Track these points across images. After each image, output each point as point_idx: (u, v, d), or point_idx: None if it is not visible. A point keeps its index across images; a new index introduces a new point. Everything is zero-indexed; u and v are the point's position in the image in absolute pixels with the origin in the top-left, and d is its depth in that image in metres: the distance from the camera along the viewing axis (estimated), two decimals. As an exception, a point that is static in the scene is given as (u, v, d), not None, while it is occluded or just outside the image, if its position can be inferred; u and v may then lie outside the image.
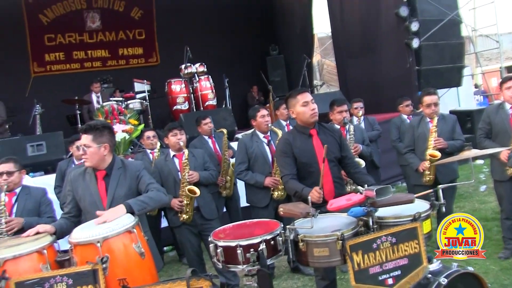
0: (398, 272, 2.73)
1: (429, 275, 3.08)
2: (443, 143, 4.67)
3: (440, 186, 3.07)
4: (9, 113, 8.61)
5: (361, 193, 2.89)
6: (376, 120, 6.65)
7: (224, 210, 5.94)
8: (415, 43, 9.19)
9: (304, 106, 3.54)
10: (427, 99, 4.83)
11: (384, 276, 2.71)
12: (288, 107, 3.70)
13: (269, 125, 4.99)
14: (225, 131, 5.71)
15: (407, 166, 5.22)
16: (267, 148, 4.94)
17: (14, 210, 3.98)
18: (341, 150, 3.65)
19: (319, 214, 2.95)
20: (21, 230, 3.81)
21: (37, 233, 3.11)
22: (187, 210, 4.55)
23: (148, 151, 5.88)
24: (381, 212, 2.95)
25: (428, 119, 4.87)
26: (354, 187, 4.45)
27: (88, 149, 3.24)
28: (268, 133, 5.01)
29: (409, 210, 2.92)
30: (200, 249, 4.77)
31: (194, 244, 4.69)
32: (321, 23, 13.28)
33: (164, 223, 5.89)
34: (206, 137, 5.84)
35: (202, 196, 4.56)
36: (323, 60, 16.32)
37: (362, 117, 6.37)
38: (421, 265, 2.78)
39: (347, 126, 5.13)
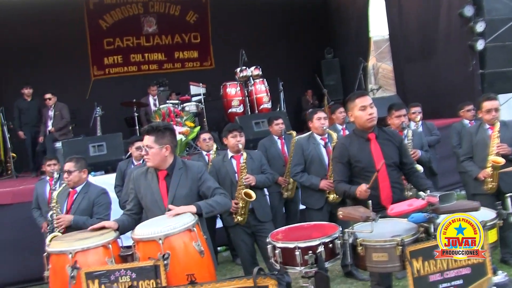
0: (460, 282, 2.64)
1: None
2: (507, 149, 4.48)
3: (509, 194, 2.96)
4: (71, 115, 8.96)
5: (423, 199, 2.84)
6: (434, 125, 6.47)
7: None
8: (480, 44, 8.67)
9: (362, 110, 3.49)
10: (487, 104, 4.65)
11: (444, 285, 2.64)
12: (347, 110, 3.68)
13: (325, 128, 4.98)
14: (294, 133, 5.72)
15: (466, 173, 5.05)
16: (323, 150, 4.95)
17: (72, 206, 4.20)
18: (400, 156, 3.59)
19: (379, 218, 2.92)
20: (69, 228, 4.01)
21: (103, 227, 3.23)
22: (242, 212, 4.60)
23: (204, 153, 5.97)
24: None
25: (488, 126, 4.70)
26: (412, 193, 4.37)
27: (150, 150, 3.32)
28: (326, 136, 5.00)
29: (473, 218, 2.85)
30: (253, 249, 4.80)
31: (248, 244, 4.73)
32: (378, 26, 12.99)
33: (219, 223, 5.97)
34: (276, 138, 5.88)
35: (257, 199, 4.59)
36: (378, 63, 16.06)
37: (420, 122, 6.21)
38: (485, 276, 2.69)
39: (405, 131, 5.04)
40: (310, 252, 2.72)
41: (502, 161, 4.40)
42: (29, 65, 10.66)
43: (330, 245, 2.81)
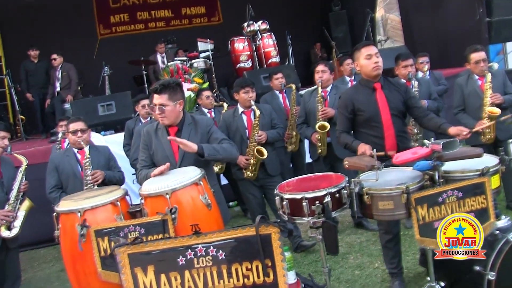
0: (463, 227, 2.68)
1: (497, 232, 3.01)
2: (500, 98, 4.53)
3: (511, 140, 2.95)
4: (79, 76, 8.93)
5: (427, 147, 2.84)
6: (442, 75, 6.38)
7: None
8: (486, -8, 8.46)
9: (367, 59, 3.49)
10: (475, 55, 4.69)
11: (449, 230, 2.67)
12: (353, 60, 3.66)
13: (319, 81, 4.98)
14: (294, 86, 5.71)
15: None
16: (320, 104, 4.94)
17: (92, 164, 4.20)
18: (407, 103, 3.57)
19: (384, 167, 2.93)
20: (101, 183, 4.08)
21: (161, 173, 3.21)
22: (253, 169, 4.64)
23: (206, 110, 5.98)
24: (448, 166, 2.90)
25: (477, 77, 4.74)
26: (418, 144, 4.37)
27: (166, 107, 3.30)
28: (328, 89, 5.01)
29: (476, 164, 2.86)
30: (263, 201, 4.87)
31: (257, 196, 4.79)
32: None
33: (223, 180, 6.07)
34: (277, 92, 5.88)
35: (267, 154, 4.62)
36: (387, 15, 15.69)
37: (428, 72, 6.12)
38: (489, 220, 2.72)
39: (412, 81, 4.98)
40: (317, 202, 2.75)
41: (498, 111, 4.43)
42: (34, 26, 10.48)
43: (337, 195, 2.83)
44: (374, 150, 3.08)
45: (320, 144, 4.93)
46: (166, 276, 2.20)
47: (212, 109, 5.98)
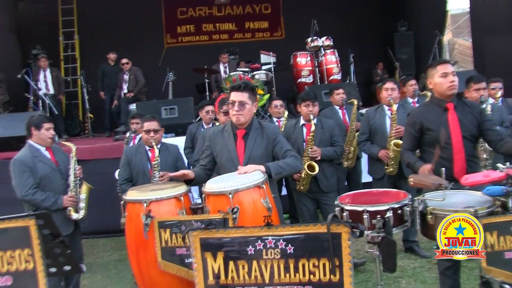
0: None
1: None
2: None
3: None
4: (145, 79, 9.35)
5: (501, 171, 2.72)
6: (516, 103, 6.14)
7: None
8: None
9: (442, 77, 3.40)
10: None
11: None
12: (427, 77, 3.57)
13: (389, 99, 4.90)
14: (355, 102, 5.68)
15: None
16: (388, 121, 4.89)
17: (160, 163, 4.34)
18: (482, 126, 3.43)
19: (451, 188, 2.85)
20: None
21: (184, 175, 3.36)
22: (304, 182, 4.64)
23: (275, 119, 6.00)
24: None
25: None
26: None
27: (246, 105, 3.37)
28: (394, 107, 4.91)
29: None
30: (316, 214, 4.85)
31: (310, 208, 4.78)
32: (456, -1, 12.33)
33: (283, 191, 6.04)
34: (337, 107, 5.88)
35: (321, 170, 4.60)
36: (454, 39, 15.31)
37: (500, 99, 5.88)
38: None
39: (484, 105, 4.80)
40: (378, 216, 2.72)
41: None
42: (108, 32, 11.15)
43: (399, 211, 2.79)
44: (443, 168, 2.99)
45: (392, 162, 4.82)
46: (234, 264, 2.24)
47: (280, 119, 5.97)
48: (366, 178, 5.88)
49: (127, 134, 5.67)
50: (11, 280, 2.41)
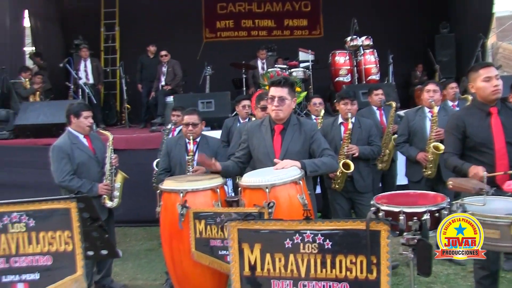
0: None
1: None
2: None
3: None
4: (182, 72, 9.46)
5: (547, 178, 2.65)
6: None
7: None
8: None
9: (486, 81, 3.30)
10: None
11: None
12: (469, 81, 3.49)
13: (431, 101, 4.81)
14: (394, 104, 5.62)
15: None
16: (428, 123, 4.82)
17: (195, 157, 4.35)
18: None
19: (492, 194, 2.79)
20: None
21: (211, 164, 3.38)
22: (338, 181, 4.61)
23: (313, 117, 5.99)
24: None
25: None
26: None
27: (286, 100, 3.38)
28: (435, 110, 4.82)
29: None
30: (349, 214, 4.81)
31: (344, 207, 4.74)
32: (503, 0, 11.93)
33: (317, 189, 6.02)
34: (375, 108, 5.83)
35: (358, 170, 4.57)
36: (499, 43, 14.86)
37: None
38: None
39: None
40: (415, 218, 2.67)
41: None
42: (149, 25, 11.37)
43: (436, 214, 2.73)
44: (485, 172, 2.93)
45: (431, 165, 4.72)
46: (271, 256, 2.26)
47: (319, 117, 5.92)
48: (400, 180, 5.81)
49: (169, 126, 5.73)
50: (51, 260, 2.48)
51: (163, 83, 9.13)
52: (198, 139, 4.45)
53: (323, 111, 5.91)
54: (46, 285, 2.45)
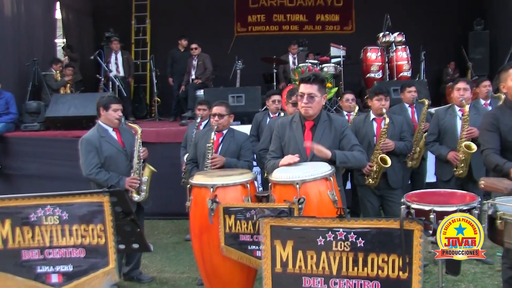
0: None
1: None
2: None
3: None
4: (213, 66, 9.49)
5: None
6: None
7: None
8: None
9: None
10: None
11: None
12: (500, 81, 3.47)
13: (461, 99, 4.73)
14: (426, 101, 5.57)
15: None
16: (459, 122, 4.75)
17: (220, 149, 4.40)
18: None
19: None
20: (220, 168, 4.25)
21: (289, 163, 3.28)
22: (375, 176, 4.60)
23: (345, 113, 5.97)
24: None
25: None
26: None
27: (315, 97, 3.38)
28: (465, 108, 4.76)
29: None
30: (379, 211, 4.80)
31: (374, 204, 4.73)
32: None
33: (348, 185, 6.01)
34: (407, 105, 5.79)
35: (392, 165, 4.54)
36: (535, 41, 14.49)
37: None
38: None
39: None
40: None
41: None
42: (179, 19, 11.45)
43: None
44: None
45: (462, 164, 4.65)
46: (303, 253, 2.27)
47: (351, 113, 5.91)
48: (429, 178, 5.78)
49: (198, 119, 5.79)
50: (84, 253, 2.53)
51: (193, 76, 9.18)
52: (225, 132, 4.46)
53: (357, 108, 5.88)
54: (79, 277, 2.50)
